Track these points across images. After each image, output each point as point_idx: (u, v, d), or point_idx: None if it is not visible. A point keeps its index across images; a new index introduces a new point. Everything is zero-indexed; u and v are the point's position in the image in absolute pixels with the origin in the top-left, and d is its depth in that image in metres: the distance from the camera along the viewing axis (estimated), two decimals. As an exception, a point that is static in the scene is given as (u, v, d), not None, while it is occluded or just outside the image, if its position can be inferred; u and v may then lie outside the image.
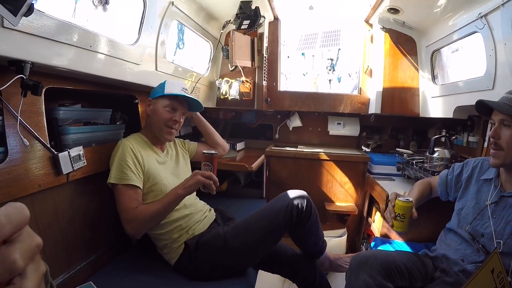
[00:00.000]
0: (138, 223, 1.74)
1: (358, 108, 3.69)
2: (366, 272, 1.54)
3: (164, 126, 1.99)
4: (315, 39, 19.98)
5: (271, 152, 3.43)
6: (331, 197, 3.43)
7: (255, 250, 1.93)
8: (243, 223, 1.98)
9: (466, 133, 2.79)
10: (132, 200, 1.77)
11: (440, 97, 2.91)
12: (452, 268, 1.68)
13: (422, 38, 3.16)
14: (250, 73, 3.42)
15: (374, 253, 1.70)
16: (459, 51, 2.84)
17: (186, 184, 1.75)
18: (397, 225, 1.69)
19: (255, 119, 4.03)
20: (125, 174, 1.78)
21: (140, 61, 2.09)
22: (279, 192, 3.29)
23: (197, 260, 1.85)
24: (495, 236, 1.55)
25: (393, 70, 3.25)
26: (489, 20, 2.08)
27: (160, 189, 1.91)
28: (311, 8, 2.97)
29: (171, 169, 2.11)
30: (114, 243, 2.10)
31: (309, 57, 18.20)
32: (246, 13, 2.73)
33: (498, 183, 1.68)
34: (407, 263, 1.69)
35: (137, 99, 2.37)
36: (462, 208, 1.78)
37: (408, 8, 2.84)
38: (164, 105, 1.98)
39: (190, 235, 1.95)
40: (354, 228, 3.41)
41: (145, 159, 1.90)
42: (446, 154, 2.53)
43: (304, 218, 1.97)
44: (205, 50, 3.31)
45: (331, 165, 3.39)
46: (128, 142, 1.89)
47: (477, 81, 2.30)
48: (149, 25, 2.12)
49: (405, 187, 2.74)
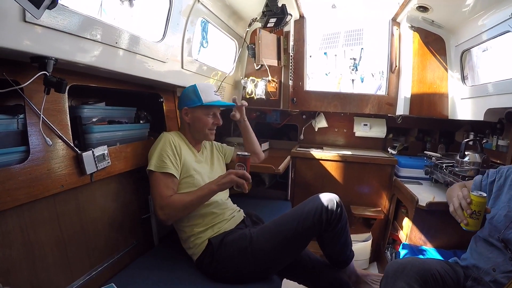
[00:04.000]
0: (170, 209, 1.83)
1: (385, 109, 3.61)
2: (403, 280, 1.49)
3: (208, 131, 2.13)
4: (337, 38, 19.88)
5: (296, 153, 3.39)
6: (357, 200, 3.37)
7: (281, 253, 1.89)
8: (271, 224, 1.96)
9: (496, 136, 2.67)
10: (168, 188, 1.87)
11: (470, 98, 2.79)
12: (483, 278, 1.62)
13: (451, 37, 3.05)
14: (276, 72, 3.39)
15: (411, 260, 1.63)
16: (488, 51, 2.72)
17: (220, 181, 1.84)
18: (472, 223, 1.56)
19: (279, 119, 3.98)
20: (164, 163, 1.88)
21: (166, 59, 2.07)
22: (304, 193, 3.31)
23: (220, 258, 1.84)
24: None
25: (422, 70, 3.15)
26: None
27: (193, 182, 1.98)
28: (333, 6, 2.90)
29: (205, 168, 2.17)
30: (136, 244, 2.09)
31: (331, 57, 18.11)
32: (272, 11, 2.67)
33: None
34: (441, 271, 1.63)
35: (162, 97, 2.36)
36: (494, 217, 1.70)
37: (437, 6, 2.75)
38: (204, 113, 2.10)
39: (215, 232, 1.95)
40: (379, 232, 3.34)
41: (183, 153, 2.00)
42: (477, 158, 2.44)
43: (333, 222, 1.91)
44: (230, 49, 3.28)
45: (358, 167, 3.33)
46: (170, 135, 2.01)
47: (510, 82, 2.20)
48: (175, 22, 2.10)
49: (433, 192, 2.68)
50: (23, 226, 1.33)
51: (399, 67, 3.44)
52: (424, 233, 2.49)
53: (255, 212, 2.33)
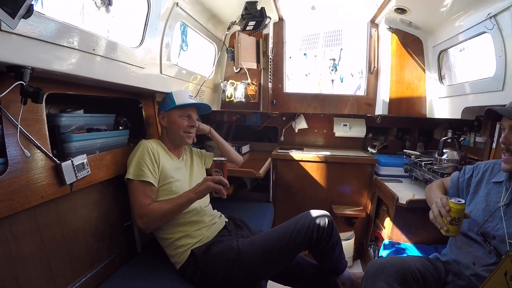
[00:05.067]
0: (149, 218, 1.83)
1: (364, 109, 3.67)
2: (383, 280, 1.51)
3: (183, 133, 2.13)
4: (317, 39, 19.96)
5: (277, 155, 3.40)
6: (338, 200, 3.41)
7: (269, 267, 1.92)
8: (261, 239, 1.95)
9: (473, 133, 2.75)
10: (146, 196, 1.87)
11: (448, 97, 2.87)
12: (464, 272, 1.66)
13: (429, 38, 3.12)
14: (256, 75, 3.39)
15: (390, 260, 1.67)
16: (465, 50, 2.79)
17: (197, 188, 1.84)
18: (452, 229, 1.58)
19: (259, 122, 3.99)
20: (142, 171, 1.88)
21: (144, 65, 2.06)
22: (285, 195, 3.35)
23: (205, 269, 1.84)
24: (507, 237, 1.54)
25: (400, 70, 3.22)
26: (499, 21, 2.05)
27: (172, 189, 1.98)
28: (313, 8, 2.92)
29: (184, 174, 2.17)
30: (119, 252, 2.06)
31: (311, 57, 18.17)
32: (251, 14, 2.68)
33: (509, 186, 1.66)
34: (420, 268, 1.66)
35: (141, 103, 2.35)
36: (472, 211, 1.75)
37: (415, 8, 2.81)
38: (179, 114, 2.12)
39: (197, 241, 1.94)
40: (361, 230, 3.38)
41: (162, 160, 2.00)
42: (455, 155, 2.51)
43: (324, 240, 1.93)
44: (209, 52, 3.27)
45: (338, 167, 3.37)
46: (148, 143, 2.00)
47: (486, 82, 2.27)
48: (154, 27, 2.08)
49: (413, 189, 2.73)
50: (4, 240, 1.30)
51: (377, 68, 3.50)
52: (405, 230, 2.54)
53: (238, 216, 2.34)
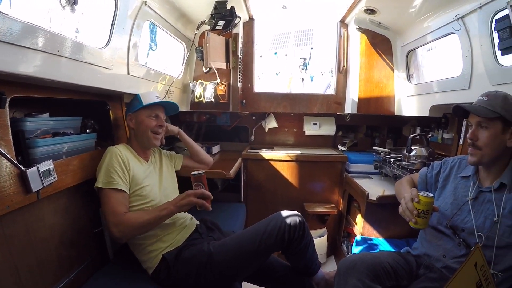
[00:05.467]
0: (126, 227, 1.77)
1: (334, 108, 3.71)
2: (354, 277, 1.54)
3: (151, 133, 2.09)
4: (287, 38, 20.12)
5: (247, 155, 3.39)
6: (310, 198, 3.42)
7: (242, 270, 1.91)
8: (232, 241, 1.94)
9: (441, 130, 2.85)
10: (120, 204, 1.82)
11: (416, 96, 2.96)
12: (435, 265, 1.71)
13: (397, 38, 3.21)
14: (225, 75, 3.37)
15: (361, 256, 1.69)
16: (433, 50, 2.87)
17: (178, 202, 1.82)
18: (421, 221, 1.63)
19: (229, 122, 3.97)
20: (112, 179, 1.83)
21: (111, 65, 1.99)
22: (257, 195, 3.34)
23: (178, 274, 1.83)
24: (476, 230, 1.60)
25: (369, 70, 3.28)
26: (466, 22, 2.12)
27: (144, 194, 1.95)
28: (284, 7, 2.93)
29: (155, 178, 2.14)
30: (91, 259, 2.01)
31: (281, 57, 18.27)
32: (221, 13, 2.65)
33: (476, 180, 1.73)
34: (392, 263, 1.70)
35: (109, 105, 2.28)
36: (441, 205, 1.82)
37: (384, 9, 2.87)
38: (147, 115, 2.08)
39: (168, 245, 1.92)
40: (334, 227, 3.43)
41: (131, 165, 1.95)
42: (423, 152, 2.58)
43: (296, 240, 1.93)
44: (179, 52, 3.22)
45: (309, 165, 3.38)
46: (116, 149, 1.95)
47: (453, 81, 2.35)
48: (121, 27, 2.02)
49: (383, 185, 2.80)
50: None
51: (347, 67, 3.54)
52: (377, 225, 2.59)
53: (209, 218, 2.31)
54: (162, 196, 2.06)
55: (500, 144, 1.58)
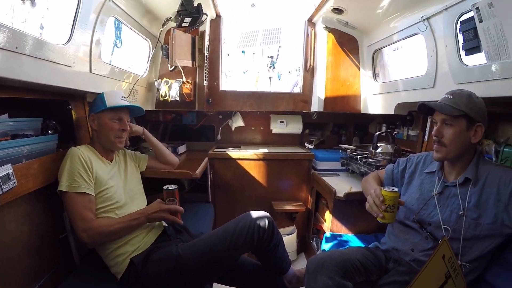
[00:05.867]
0: (96, 234, 1.74)
1: (300, 106, 3.74)
2: (324, 274, 1.54)
3: (114, 138, 2.02)
4: (255, 36, 20.15)
5: (214, 154, 3.34)
6: (278, 196, 3.43)
7: (212, 272, 1.88)
8: (201, 243, 1.90)
9: (406, 127, 2.93)
10: (87, 209, 1.76)
11: (381, 94, 3.04)
12: (404, 259, 1.76)
13: (364, 38, 3.28)
14: (191, 73, 3.30)
15: (329, 254, 1.71)
16: (399, 50, 2.95)
17: (151, 215, 1.84)
18: (388, 216, 1.66)
19: (196, 121, 3.91)
20: (76, 182, 1.76)
21: (73, 63, 1.88)
22: (225, 194, 3.32)
23: (146, 278, 1.78)
24: (442, 223, 1.66)
25: (336, 68, 3.33)
26: (432, 23, 2.21)
27: (108, 196, 1.89)
28: (253, 6, 2.95)
29: (119, 180, 2.07)
30: (57, 267, 1.91)
31: (249, 55, 18.28)
32: (187, 10, 2.59)
33: (441, 175, 1.79)
34: (361, 259, 1.73)
35: (71, 104, 2.15)
36: (407, 200, 1.87)
37: (352, 9, 2.92)
38: (110, 117, 2.01)
39: (135, 249, 1.86)
40: (303, 224, 3.46)
41: (95, 166, 1.88)
42: (389, 148, 2.64)
43: (266, 241, 1.93)
44: (144, 50, 3.13)
45: (276, 164, 3.39)
46: (78, 150, 1.87)
47: (418, 79, 2.43)
48: (83, 22, 1.91)
49: (350, 182, 2.85)
50: None
51: (313, 65, 3.58)
52: (345, 221, 2.63)
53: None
54: (127, 198, 2.01)
55: (465, 141, 1.63)
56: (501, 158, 1.92)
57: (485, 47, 1.76)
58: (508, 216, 1.50)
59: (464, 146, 1.65)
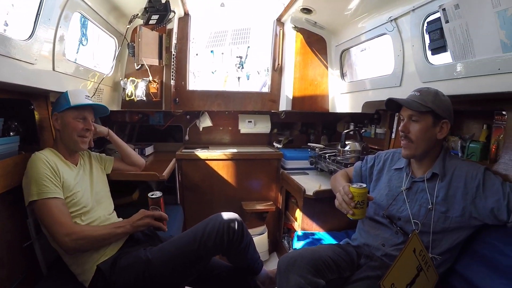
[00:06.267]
0: (80, 237, 1.67)
1: (268, 105, 3.75)
2: (295, 273, 1.54)
3: (78, 137, 1.94)
4: (224, 36, 20.03)
5: (181, 155, 3.28)
6: (247, 196, 3.42)
7: (183, 275, 1.84)
8: (170, 246, 1.86)
9: (374, 125, 3.00)
10: (64, 214, 1.70)
11: (349, 93, 3.09)
12: (375, 254, 1.79)
13: (332, 38, 3.33)
14: (158, 72, 3.23)
15: (300, 252, 1.72)
16: (366, 51, 3.01)
17: (135, 223, 1.81)
18: (358, 212, 1.69)
19: (163, 121, 3.82)
20: (47, 187, 1.69)
21: (35, 60, 1.78)
22: (193, 196, 3.29)
23: (115, 284, 1.72)
24: (412, 218, 1.70)
25: (304, 68, 3.36)
26: (399, 24, 2.27)
27: (75, 201, 1.82)
28: (222, 5, 2.93)
29: (85, 183, 2.01)
30: (23, 278, 1.81)
31: (218, 55, 18.17)
32: (155, 7, 2.53)
33: (409, 171, 1.84)
34: (332, 256, 1.74)
35: (33, 104, 2.03)
36: (376, 197, 1.92)
37: (320, 9, 2.95)
38: (74, 116, 1.93)
39: (101, 255, 1.79)
40: (273, 224, 3.46)
41: (61, 170, 1.81)
42: (357, 146, 2.68)
43: (236, 242, 1.92)
44: (110, 47, 3.02)
45: (245, 164, 3.38)
46: (42, 154, 1.79)
47: (385, 78, 2.50)
48: (47, 17, 1.82)
49: (319, 180, 2.87)
50: None
51: (281, 65, 3.59)
52: (315, 219, 2.65)
53: None
54: (94, 202, 1.95)
55: (431, 137, 1.68)
56: (467, 153, 1.99)
57: (451, 47, 1.83)
58: (475, 208, 1.55)
59: (430, 142, 1.69)
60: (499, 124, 1.82)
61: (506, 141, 1.73)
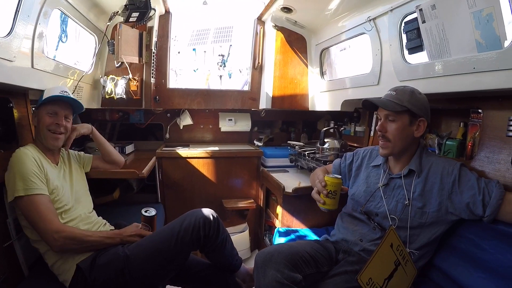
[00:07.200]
0: (68, 237, 1.68)
1: (248, 103, 3.75)
2: (272, 268, 1.55)
3: (47, 131, 1.90)
4: (207, 35, 19.97)
5: (162, 153, 3.26)
6: (228, 194, 3.42)
7: (162, 271, 1.84)
8: (147, 242, 1.86)
9: (353, 123, 3.05)
10: (51, 211, 1.69)
11: (328, 91, 3.13)
12: (353, 249, 1.82)
13: (312, 37, 3.36)
14: (138, 70, 3.19)
15: (277, 247, 1.72)
16: (346, 50, 3.05)
17: (125, 238, 1.87)
18: (329, 202, 1.71)
19: (143, 119, 3.77)
20: (34, 183, 1.68)
21: (13, 57, 1.74)
22: (174, 194, 3.27)
23: (95, 283, 1.70)
24: (389, 213, 1.74)
25: (284, 66, 3.38)
26: (377, 23, 2.31)
27: (56, 200, 1.81)
28: (205, 3, 2.92)
29: (66, 182, 1.99)
30: (4, 279, 1.74)
31: (200, 53, 18.10)
32: (135, 5, 2.50)
33: (386, 168, 1.88)
34: (310, 251, 1.76)
35: (12, 102, 1.99)
36: (355, 193, 1.96)
37: (301, 8, 2.97)
38: (46, 111, 1.90)
39: (80, 254, 1.77)
40: (255, 221, 3.48)
41: (45, 167, 1.81)
42: (336, 144, 2.71)
43: (212, 238, 1.93)
44: (90, 45, 2.96)
45: (225, 162, 3.38)
46: (26, 150, 1.78)
47: (364, 77, 2.54)
48: (26, 14, 1.78)
49: (299, 177, 2.89)
50: None
51: (262, 64, 3.60)
52: (295, 216, 2.67)
53: (124, 222, 2.19)
54: (74, 201, 1.93)
55: (408, 135, 1.72)
56: (444, 150, 2.05)
57: (427, 46, 1.87)
58: (452, 203, 1.59)
59: (407, 140, 1.73)
60: (475, 122, 1.88)
61: (482, 139, 1.78)
